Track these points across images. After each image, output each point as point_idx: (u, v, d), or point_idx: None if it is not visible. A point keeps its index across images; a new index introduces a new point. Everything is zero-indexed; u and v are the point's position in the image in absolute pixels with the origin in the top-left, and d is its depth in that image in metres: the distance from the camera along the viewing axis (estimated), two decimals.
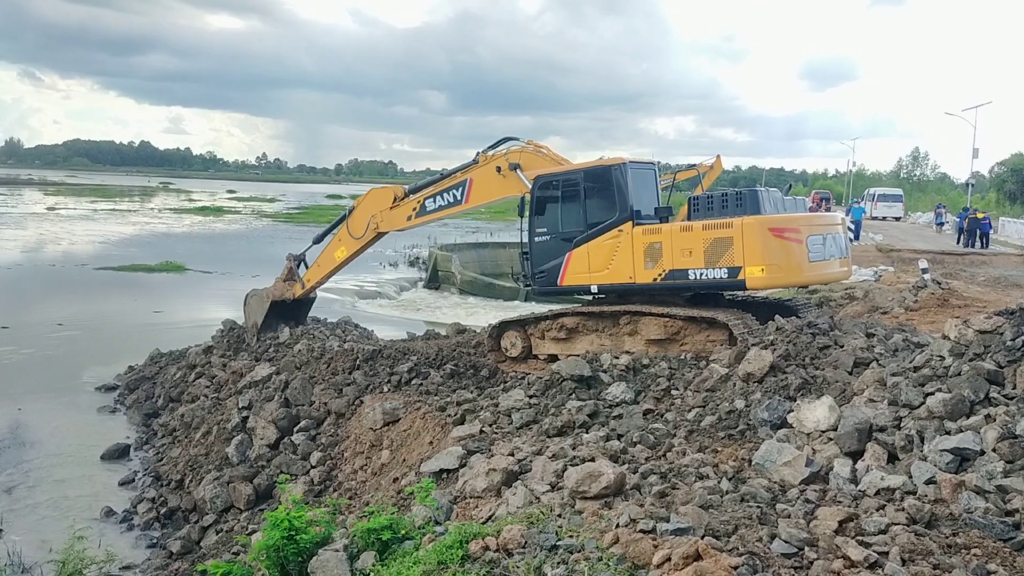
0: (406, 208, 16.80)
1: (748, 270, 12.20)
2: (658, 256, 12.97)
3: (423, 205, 16.39)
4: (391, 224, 17.10)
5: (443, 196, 16.10)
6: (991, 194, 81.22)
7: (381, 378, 14.25)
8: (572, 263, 13.76)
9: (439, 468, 9.58)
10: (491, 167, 15.29)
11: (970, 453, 6.28)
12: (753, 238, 12.19)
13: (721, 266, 12.44)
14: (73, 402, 19.02)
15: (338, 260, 17.97)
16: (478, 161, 15.63)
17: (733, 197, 12.88)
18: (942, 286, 18.10)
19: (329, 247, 18.20)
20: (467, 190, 15.65)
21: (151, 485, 14.30)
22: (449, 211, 16.32)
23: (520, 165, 14.78)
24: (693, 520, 5.62)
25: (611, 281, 13.53)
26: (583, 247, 13.65)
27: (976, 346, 7.50)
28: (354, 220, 17.51)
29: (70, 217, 74.20)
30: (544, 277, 14.15)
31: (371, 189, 18.06)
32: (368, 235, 17.34)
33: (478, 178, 15.55)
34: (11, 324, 26.28)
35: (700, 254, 12.58)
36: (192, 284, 37.63)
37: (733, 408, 9.28)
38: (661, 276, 13.00)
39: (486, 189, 15.54)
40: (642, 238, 13.14)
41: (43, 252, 47.49)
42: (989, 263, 29.90)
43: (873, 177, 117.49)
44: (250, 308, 19.35)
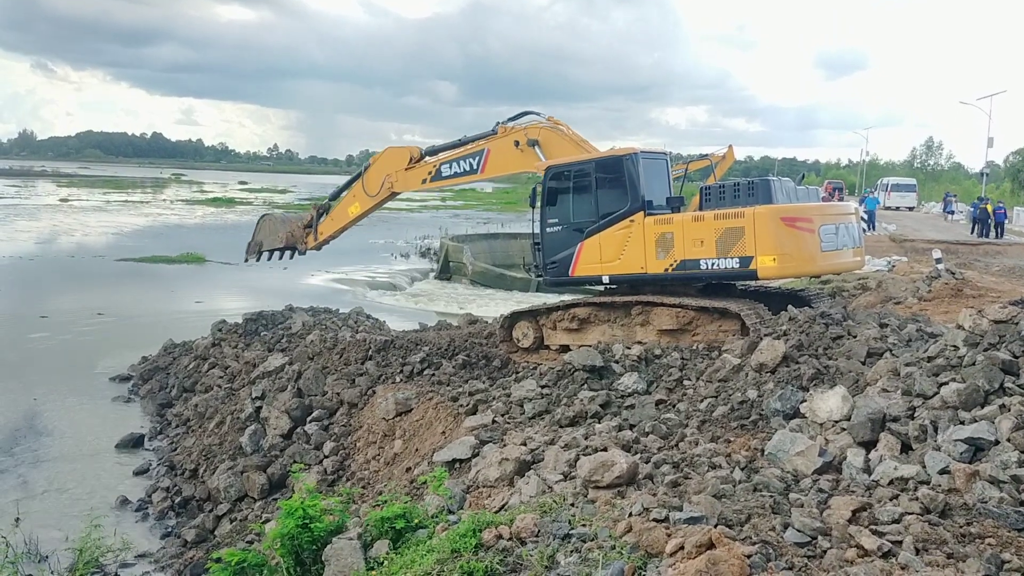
0: (421, 171, 16.71)
1: (760, 260, 12.15)
2: (670, 246, 12.94)
3: (439, 170, 16.32)
4: (406, 185, 17.07)
5: (459, 163, 16.01)
6: (1006, 183, 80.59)
7: (393, 368, 14.30)
8: (584, 254, 13.73)
9: (452, 458, 9.62)
10: (509, 140, 15.22)
11: (984, 443, 6.26)
12: (765, 228, 12.15)
13: (733, 256, 12.39)
14: (88, 391, 19.17)
15: (351, 216, 17.95)
16: (497, 132, 15.51)
17: (745, 187, 12.86)
18: (956, 276, 17.99)
19: (343, 202, 18.18)
20: (484, 160, 15.55)
21: (165, 474, 14.42)
22: (464, 179, 16.26)
23: (539, 142, 14.71)
24: (706, 509, 5.63)
25: (623, 271, 13.50)
26: (595, 237, 13.62)
27: (991, 336, 7.46)
28: (369, 178, 17.43)
29: (83, 209, 74.57)
30: (556, 268, 14.12)
31: (388, 148, 17.94)
32: (382, 194, 17.29)
33: (495, 149, 15.44)
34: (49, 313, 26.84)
35: (712, 244, 12.54)
36: (219, 275, 37.82)
37: (745, 398, 9.27)
38: (673, 266, 12.97)
39: (503, 161, 15.47)
40: (654, 228, 13.10)
41: (58, 244, 47.78)
42: (1003, 253, 29.71)
43: (887, 167, 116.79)
44: (263, 229, 19.31)
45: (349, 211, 17.96)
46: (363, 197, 17.60)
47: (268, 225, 19.25)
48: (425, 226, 62.74)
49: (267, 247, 19.04)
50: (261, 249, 19.05)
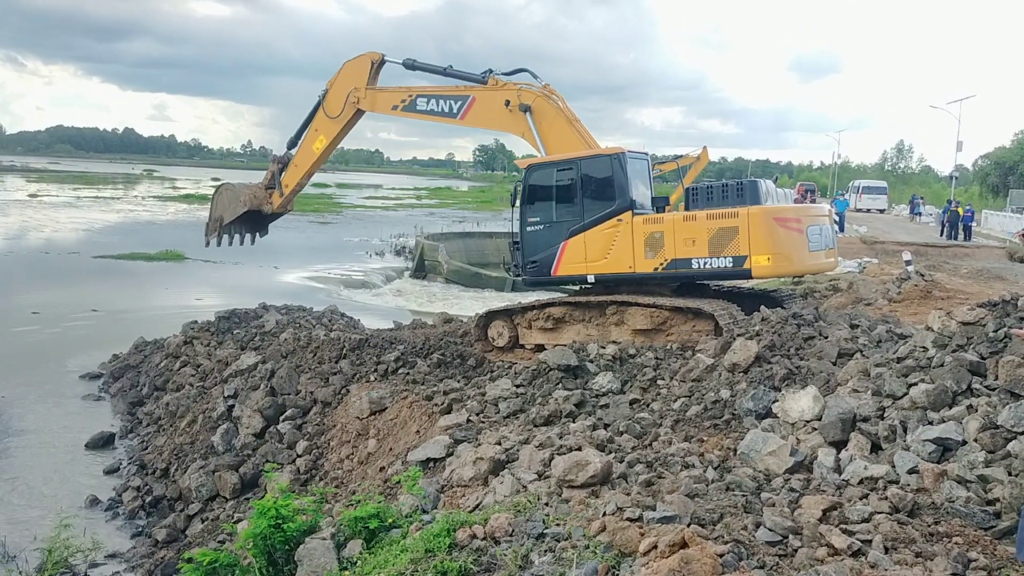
0: (394, 96, 15.98)
1: (754, 259, 12.34)
2: (659, 246, 13.02)
3: (414, 101, 15.60)
4: (373, 104, 16.19)
5: (438, 102, 15.38)
6: (974, 187, 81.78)
7: (368, 367, 14.25)
8: (567, 253, 13.69)
9: (426, 457, 9.61)
10: (500, 96, 14.66)
11: (952, 443, 6.35)
12: (759, 227, 12.33)
13: (726, 255, 12.53)
14: (57, 390, 18.92)
15: (317, 153, 16.89)
16: (487, 82, 14.93)
17: (734, 187, 13.08)
18: (925, 278, 18.25)
19: (306, 141, 17.01)
20: (466, 107, 15.03)
21: (136, 473, 14.27)
22: (439, 119, 15.58)
23: (531, 109, 14.28)
24: (679, 508, 5.66)
25: (609, 271, 13.47)
26: (579, 237, 13.58)
27: (959, 337, 7.57)
28: (330, 99, 16.43)
29: (53, 204, 73.54)
30: (536, 267, 14.07)
31: (344, 63, 16.70)
32: (347, 113, 16.28)
33: (481, 100, 14.93)
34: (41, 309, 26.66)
35: (704, 243, 12.67)
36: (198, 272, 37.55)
37: (719, 398, 9.34)
38: (663, 265, 13.06)
39: (486, 115, 14.96)
40: (643, 227, 13.17)
41: (28, 240, 47.10)
42: (972, 255, 30.13)
43: (858, 169, 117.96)
44: (219, 202, 18.14)
45: (314, 148, 16.84)
46: (327, 124, 16.53)
47: (226, 195, 18.05)
48: (400, 224, 62.56)
49: (229, 219, 17.84)
50: (222, 224, 17.93)
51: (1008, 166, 73.10)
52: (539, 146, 14.38)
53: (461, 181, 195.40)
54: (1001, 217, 49.48)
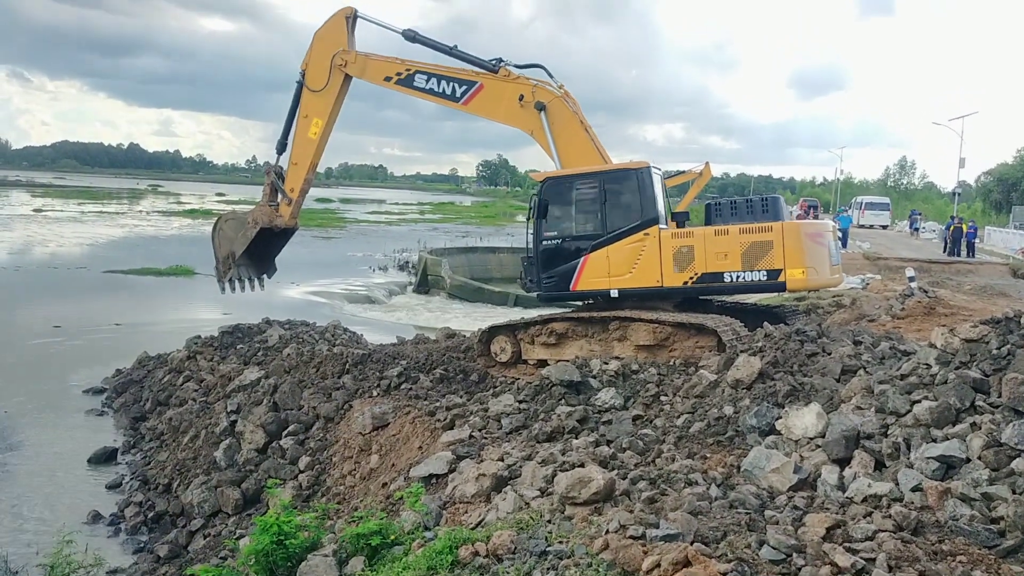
0: (388, 66, 14.87)
1: (789, 272, 12.58)
2: (689, 260, 13.09)
3: (412, 76, 14.61)
4: (363, 71, 14.93)
5: (440, 82, 14.51)
6: (977, 203, 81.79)
7: (370, 382, 14.24)
8: (588, 267, 13.57)
9: (428, 473, 9.59)
10: (513, 88, 14.13)
11: (956, 461, 6.34)
12: (795, 241, 12.60)
13: (760, 268, 12.73)
14: (60, 404, 18.92)
15: (315, 140, 15.42)
16: (497, 70, 14.30)
17: (759, 203, 13.44)
18: (929, 294, 18.22)
19: (298, 133, 15.51)
20: (472, 93, 14.37)
21: (138, 489, 14.24)
22: (438, 100, 14.64)
23: (547, 108, 13.92)
24: (682, 526, 5.65)
25: (635, 285, 13.42)
26: (602, 251, 13.50)
27: (962, 354, 7.56)
28: (311, 74, 15.12)
29: (58, 219, 73.81)
30: (553, 282, 13.88)
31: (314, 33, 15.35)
32: (334, 81, 14.95)
33: (490, 88, 14.31)
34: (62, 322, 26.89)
35: (737, 257, 12.82)
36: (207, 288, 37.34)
37: (722, 414, 9.32)
38: (693, 279, 13.11)
39: (493, 105, 14.35)
40: (671, 242, 13.22)
41: (33, 254, 47.26)
42: (975, 272, 30.11)
43: (860, 185, 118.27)
44: (223, 236, 16.40)
45: (310, 135, 15.38)
46: (315, 103, 15.17)
47: (229, 226, 16.39)
48: (403, 239, 62.66)
49: (241, 249, 16.08)
50: (235, 260, 16.23)
51: (1011, 182, 73.19)
52: (551, 147, 14.06)
53: (464, 196, 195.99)
54: (1004, 233, 49.48)
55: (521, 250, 50.63)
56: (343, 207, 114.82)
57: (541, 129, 14.02)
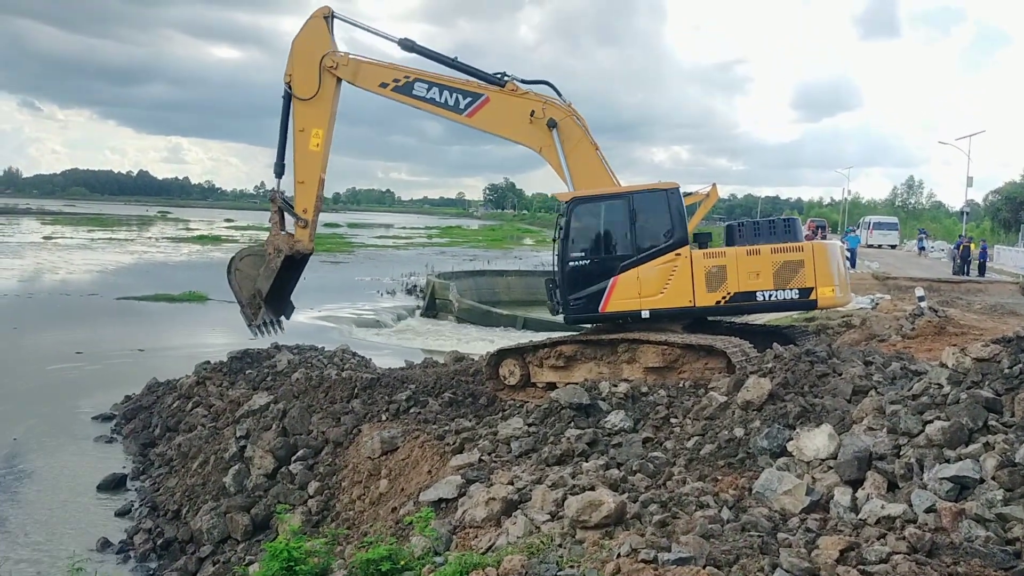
0: (384, 72, 14.25)
1: (821, 291, 12.98)
2: (721, 279, 13.24)
3: (411, 84, 14.03)
4: (356, 75, 14.23)
5: (442, 92, 14.01)
6: (986, 222, 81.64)
7: (379, 406, 14.21)
8: (619, 288, 13.52)
9: (438, 497, 9.54)
10: (522, 104, 13.84)
11: (970, 481, 6.28)
12: (824, 260, 13.05)
13: (792, 287, 13.08)
14: (69, 431, 18.94)
15: (318, 152, 14.51)
16: (504, 84, 13.99)
17: (782, 224, 13.89)
18: (939, 314, 18.13)
19: (298, 150, 14.56)
20: (477, 105, 13.98)
21: (148, 515, 14.22)
22: (440, 111, 14.11)
23: (559, 126, 13.76)
24: (694, 549, 5.61)
25: (667, 305, 13.44)
26: (632, 271, 13.47)
27: (974, 374, 7.53)
28: (298, 84, 14.32)
29: (67, 246, 74.25)
30: (582, 303, 13.74)
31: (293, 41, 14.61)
32: (326, 86, 14.18)
33: (497, 103, 13.96)
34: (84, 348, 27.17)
35: (769, 276, 13.11)
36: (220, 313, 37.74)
37: (732, 436, 9.27)
38: (726, 299, 13.26)
39: (500, 120, 14.01)
40: (703, 261, 13.34)
41: (43, 281, 47.51)
42: (985, 291, 29.98)
43: (868, 205, 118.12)
44: (244, 276, 15.16)
45: (311, 149, 14.44)
46: (309, 114, 14.31)
47: (248, 263, 15.21)
48: (411, 263, 62.81)
49: (267, 285, 14.90)
50: (263, 298, 14.97)
51: (1019, 201, 73.06)
52: (563, 166, 13.94)
53: (471, 220, 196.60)
54: (1014, 252, 49.30)
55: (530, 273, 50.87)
56: (351, 232, 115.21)
57: (552, 147, 13.90)
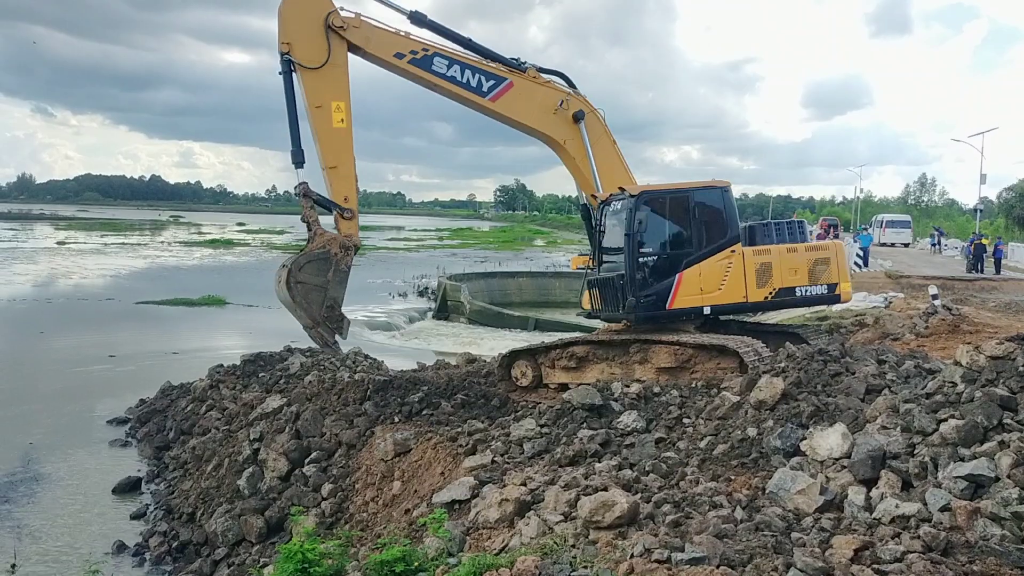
0: (400, 42, 13.03)
1: (842, 286, 13.97)
2: (768, 276, 13.76)
3: (430, 58, 12.95)
4: (368, 41, 12.76)
5: (464, 71, 13.15)
6: (999, 219, 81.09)
7: (392, 409, 14.24)
8: (684, 285, 13.52)
9: (451, 499, 9.56)
10: (549, 93, 13.40)
11: (985, 479, 6.25)
12: (843, 258, 14.11)
13: (822, 283, 14.01)
14: (84, 435, 19.06)
15: (344, 127, 13.02)
16: (525, 70, 13.43)
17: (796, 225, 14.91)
18: (952, 312, 18.02)
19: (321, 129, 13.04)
20: (501, 89, 13.38)
21: (163, 518, 14.30)
22: (461, 92, 13.18)
23: (584, 120, 13.50)
24: (708, 549, 5.60)
25: (724, 301, 13.72)
26: (694, 268, 13.51)
27: (988, 372, 7.48)
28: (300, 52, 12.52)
29: (81, 251, 74.75)
30: (651, 301, 13.55)
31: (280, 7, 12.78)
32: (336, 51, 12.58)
33: (521, 89, 13.43)
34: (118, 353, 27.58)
35: (805, 273, 13.89)
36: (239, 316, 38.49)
37: (745, 436, 9.25)
38: (772, 294, 13.82)
39: (524, 106, 13.46)
40: (754, 259, 13.74)
41: (57, 286, 47.83)
42: (999, 289, 29.78)
43: (880, 203, 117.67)
44: (307, 287, 13.38)
45: (335, 126, 12.97)
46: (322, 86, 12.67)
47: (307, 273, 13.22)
48: (422, 265, 62.91)
49: (341, 292, 13.44)
50: (337, 305, 13.58)
51: None
52: (591, 162, 13.69)
53: (482, 222, 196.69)
54: None
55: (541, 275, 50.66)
56: (362, 234, 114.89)
57: (577, 140, 13.63)
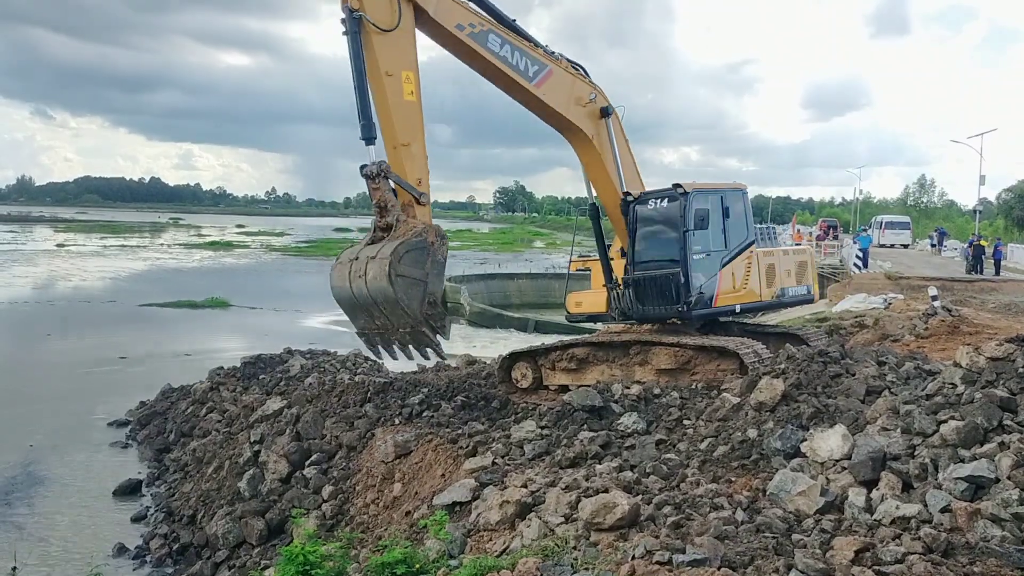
0: (463, 14, 12.08)
1: (815, 288, 14.71)
2: (773, 276, 14.37)
3: (485, 35, 12.19)
4: (437, 8, 11.72)
5: (515, 53, 12.51)
6: (999, 220, 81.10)
7: (392, 410, 14.24)
8: (723, 283, 13.74)
9: (452, 501, 9.58)
10: (580, 84, 13.23)
11: (985, 481, 6.26)
12: (814, 261, 14.84)
13: (803, 284, 14.73)
14: (85, 437, 19.07)
15: (415, 100, 11.56)
16: (557, 56, 13.11)
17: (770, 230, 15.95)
18: (952, 313, 18.03)
19: (391, 100, 11.33)
20: (544, 76, 12.95)
21: (163, 521, 14.30)
22: (509, 73, 12.44)
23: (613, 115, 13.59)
24: (709, 551, 5.62)
25: (748, 300, 14.13)
26: (729, 267, 13.81)
27: (988, 373, 7.49)
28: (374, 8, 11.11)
29: (80, 254, 74.74)
30: (703, 299, 13.52)
31: None
32: (406, 17, 11.35)
33: (558, 77, 13.13)
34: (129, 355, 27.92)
35: (794, 274, 14.56)
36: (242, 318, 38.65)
37: (746, 438, 9.25)
38: (776, 294, 14.43)
39: (563, 96, 13.20)
40: (763, 259, 14.28)
41: (59, 289, 47.87)
42: (998, 290, 29.78)
43: (880, 205, 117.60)
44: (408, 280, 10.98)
45: (407, 98, 11.38)
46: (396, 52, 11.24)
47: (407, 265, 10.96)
48: None
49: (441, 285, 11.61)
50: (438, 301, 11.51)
51: None
52: (615, 160, 13.70)
53: (482, 223, 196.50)
54: None
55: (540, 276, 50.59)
56: (362, 236, 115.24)
57: (603, 135, 13.56)
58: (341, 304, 11.92)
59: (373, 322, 11.63)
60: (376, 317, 11.51)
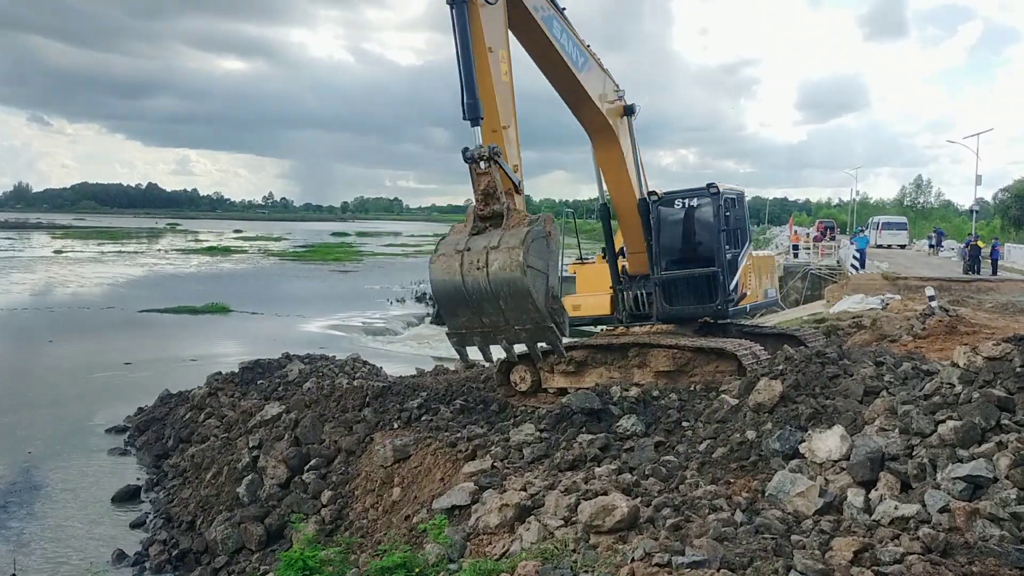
0: None
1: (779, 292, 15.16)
2: (761, 278, 14.98)
3: (552, 19, 12.03)
4: None
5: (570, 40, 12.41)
6: (995, 220, 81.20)
7: (391, 415, 14.22)
8: (742, 281, 14.32)
9: (451, 505, 9.57)
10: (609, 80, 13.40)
11: (983, 480, 6.27)
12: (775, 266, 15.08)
13: (771, 287, 15.42)
14: (83, 444, 19.04)
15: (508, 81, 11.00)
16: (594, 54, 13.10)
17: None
18: (949, 313, 18.07)
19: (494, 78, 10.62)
20: (590, 66, 12.97)
21: (162, 527, 14.28)
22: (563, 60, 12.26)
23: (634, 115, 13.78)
24: (708, 553, 5.62)
25: (753, 300, 14.75)
26: (744, 267, 14.34)
27: (985, 373, 7.51)
28: None
29: (78, 260, 74.68)
30: (733, 298, 13.88)
31: None
32: None
33: (595, 69, 13.18)
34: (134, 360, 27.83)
35: (769, 278, 15.19)
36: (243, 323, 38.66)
37: (744, 439, 9.26)
38: (762, 295, 14.96)
39: (598, 88, 13.24)
40: (755, 261, 14.88)
41: (57, 295, 47.81)
42: (996, 289, 29.83)
43: (877, 205, 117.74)
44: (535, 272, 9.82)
45: (503, 79, 10.83)
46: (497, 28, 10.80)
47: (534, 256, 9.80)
48: (420, 271, 62.69)
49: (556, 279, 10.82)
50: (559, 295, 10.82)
51: None
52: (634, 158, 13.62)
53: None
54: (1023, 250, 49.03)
55: None
56: (359, 240, 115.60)
57: (626, 134, 13.62)
58: (442, 298, 10.56)
59: (479, 319, 10.30)
60: (488, 313, 10.20)
